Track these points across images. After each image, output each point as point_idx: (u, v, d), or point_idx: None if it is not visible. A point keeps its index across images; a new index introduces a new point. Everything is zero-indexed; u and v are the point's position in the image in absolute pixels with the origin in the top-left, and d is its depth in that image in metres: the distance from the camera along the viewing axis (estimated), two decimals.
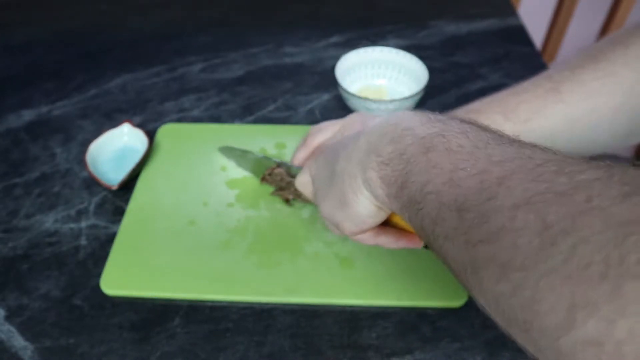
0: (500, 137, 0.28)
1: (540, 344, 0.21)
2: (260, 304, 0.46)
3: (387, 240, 0.39)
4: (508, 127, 0.48)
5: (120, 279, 0.47)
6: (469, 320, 0.45)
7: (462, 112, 0.50)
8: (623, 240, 0.18)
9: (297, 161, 0.52)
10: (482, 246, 0.23)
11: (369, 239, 0.39)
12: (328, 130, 0.51)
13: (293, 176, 0.51)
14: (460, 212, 0.25)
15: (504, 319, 0.23)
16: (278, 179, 0.52)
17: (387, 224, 0.39)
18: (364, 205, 0.35)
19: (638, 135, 0.49)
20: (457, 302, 0.45)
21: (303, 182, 0.45)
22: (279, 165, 0.53)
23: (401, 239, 0.39)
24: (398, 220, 0.38)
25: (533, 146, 0.26)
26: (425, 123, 0.31)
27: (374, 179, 0.32)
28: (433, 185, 0.27)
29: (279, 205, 0.53)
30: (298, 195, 0.52)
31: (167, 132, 0.62)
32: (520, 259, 0.21)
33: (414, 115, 0.33)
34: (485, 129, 0.30)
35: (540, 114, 0.47)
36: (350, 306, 0.46)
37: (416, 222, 0.29)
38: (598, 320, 0.18)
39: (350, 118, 0.50)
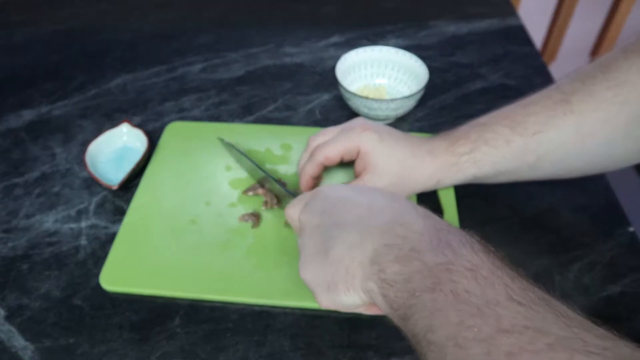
0: (512, 282, 0.28)
1: None
2: (259, 305, 0.46)
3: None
4: (516, 140, 0.46)
5: (119, 275, 0.47)
6: None
7: (468, 126, 0.48)
8: None
9: (300, 165, 0.51)
10: None
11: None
12: (328, 133, 0.50)
13: (278, 196, 0.52)
14: None
15: None
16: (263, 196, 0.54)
17: None
18: (352, 300, 0.35)
19: None
20: None
21: (291, 216, 0.43)
22: (262, 183, 0.53)
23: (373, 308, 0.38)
24: None
25: (545, 304, 0.26)
26: (435, 247, 0.31)
27: (375, 292, 0.32)
28: (437, 337, 0.28)
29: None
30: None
31: (174, 130, 0.62)
32: None
33: (424, 227, 0.32)
34: (498, 264, 0.29)
35: (550, 126, 0.45)
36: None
37: (412, 341, 0.30)
38: None
39: (351, 122, 0.50)
